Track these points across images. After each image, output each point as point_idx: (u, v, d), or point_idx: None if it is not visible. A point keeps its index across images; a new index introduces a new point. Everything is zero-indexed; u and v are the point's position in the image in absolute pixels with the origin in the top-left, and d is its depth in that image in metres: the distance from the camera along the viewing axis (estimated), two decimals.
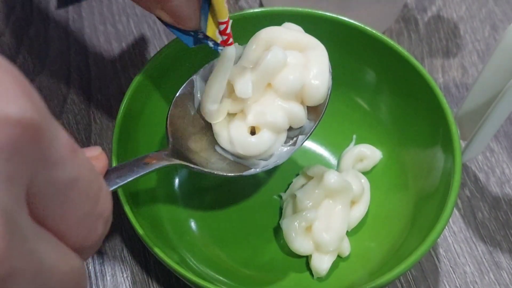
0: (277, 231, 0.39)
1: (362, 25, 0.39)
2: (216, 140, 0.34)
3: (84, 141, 0.44)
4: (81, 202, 0.20)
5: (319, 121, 0.34)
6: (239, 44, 0.34)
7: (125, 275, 0.38)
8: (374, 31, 0.39)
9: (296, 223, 0.37)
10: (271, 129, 0.33)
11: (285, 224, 0.37)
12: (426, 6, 0.52)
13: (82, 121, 0.45)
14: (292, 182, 0.41)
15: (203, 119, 0.35)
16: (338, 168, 0.42)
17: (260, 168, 0.34)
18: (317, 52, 0.34)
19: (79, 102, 0.46)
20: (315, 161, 0.42)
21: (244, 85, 0.33)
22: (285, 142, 0.34)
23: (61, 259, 0.19)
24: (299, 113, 0.34)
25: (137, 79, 0.37)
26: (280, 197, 0.41)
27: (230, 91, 0.34)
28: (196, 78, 0.35)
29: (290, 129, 0.34)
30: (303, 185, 0.39)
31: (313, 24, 0.40)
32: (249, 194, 0.41)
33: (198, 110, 0.35)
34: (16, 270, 0.17)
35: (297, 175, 0.41)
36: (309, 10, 0.40)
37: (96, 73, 0.47)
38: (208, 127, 0.35)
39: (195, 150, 0.34)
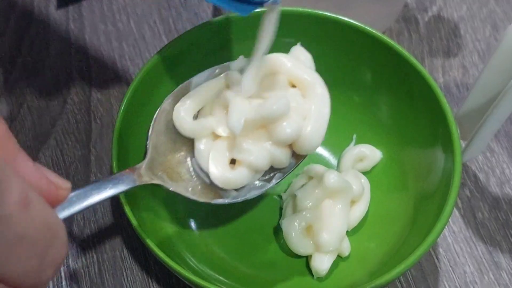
0: (277, 231, 0.39)
1: (362, 25, 0.39)
2: (194, 154, 0.34)
3: (84, 141, 0.44)
4: (27, 258, 0.20)
5: (299, 163, 0.34)
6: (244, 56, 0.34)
7: (125, 275, 0.38)
8: (374, 31, 0.39)
9: (296, 223, 0.37)
10: (251, 169, 0.33)
11: (285, 224, 0.37)
12: (427, 5, 0.52)
13: (82, 121, 0.45)
14: (292, 182, 0.41)
15: None
16: (338, 168, 0.42)
17: (229, 200, 0.33)
18: (320, 99, 0.33)
19: (79, 102, 0.46)
20: (315, 161, 0.42)
21: (237, 120, 0.32)
22: (262, 176, 0.34)
23: None
24: (283, 158, 0.33)
25: (137, 79, 0.37)
26: (280, 197, 0.41)
27: (223, 113, 0.33)
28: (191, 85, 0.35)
29: (270, 167, 0.34)
30: (303, 185, 0.39)
31: (313, 24, 0.40)
32: None
33: None
34: None
35: (297, 175, 0.41)
36: (309, 10, 0.40)
37: (97, 72, 0.47)
38: (189, 140, 0.34)
39: (170, 164, 0.33)
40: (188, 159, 0.34)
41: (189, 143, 0.34)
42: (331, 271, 0.37)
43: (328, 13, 0.40)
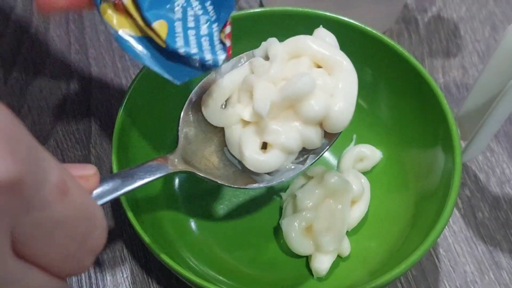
0: (277, 231, 0.39)
1: (363, 26, 0.39)
2: (226, 143, 0.34)
3: (84, 141, 0.44)
4: (66, 243, 0.20)
5: (332, 143, 0.34)
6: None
7: (125, 275, 0.38)
8: (374, 32, 0.39)
9: (296, 223, 0.37)
10: (283, 150, 0.33)
11: (285, 224, 0.37)
12: (426, 6, 0.52)
13: (82, 121, 0.45)
14: (292, 182, 0.41)
15: None
16: (338, 168, 0.42)
17: (264, 184, 0.33)
18: (347, 75, 0.33)
19: (80, 102, 0.46)
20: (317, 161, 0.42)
21: (263, 102, 0.32)
22: (295, 159, 0.34)
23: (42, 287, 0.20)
24: (315, 138, 0.33)
25: (137, 79, 0.37)
26: (280, 197, 0.41)
27: (250, 99, 0.33)
28: (217, 75, 0.35)
29: (303, 149, 0.33)
30: (303, 185, 0.39)
31: (313, 24, 0.40)
32: (250, 194, 0.41)
33: None
34: None
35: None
36: (309, 10, 0.40)
37: (97, 72, 0.47)
38: (220, 129, 0.34)
39: (203, 154, 0.34)
40: (221, 148, 0.34)
41: (220, 133, 0.34)
42: (331, 271, 0.37)
43: (328, 14, 0.40)
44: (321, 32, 0.34)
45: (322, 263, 0.37)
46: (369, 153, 0.41)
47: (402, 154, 0.40)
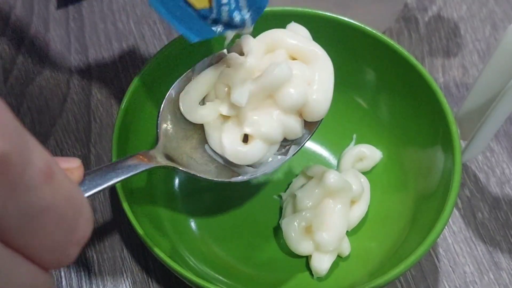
0: (277, 230, 0.39)
1: (362, 25, 0.39)
2: (206, 140, 0.34)
3: (84, 141, 0.44)
4: (53, 230, 0.19)
5: (313, 132, 0.34)
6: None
7: (125, 275, 0.38)
8: (374, 31, 0.39)
9: (295, 223, 0.37)
10: (265, 140, 0.33)
11: (284, 224, 0.37)
12: (427, 5, 0.52)
13: (82, 121, 0.45)
14: (292, 182, 0.41)
15: None
16: (338, 168, 0.42)
17: (247, 176, 0.33)
18: (323, 65, 0.33)
19: (79, 102, 0.46)
20: (315, 161, 0.42)
21: (241, 93, 0.32)
22: (277, 150, 0.34)
23: (27, 278, 0.19)
24: (296, 127, 0.33)
25: (137, 79, 0.37)
26: (280, 197, 0.41)
27: (227, 93, 0.33)
28: (193, 74, 0.35)
29: (284, 139, 0.34)
30: (303, 185, 0.39)
31: (313, 24, 0.40)
32: (249, 194, 0.41)
33: None
34: None
35: (297, 175, 0.41)
36: (309, 10, 0.40)
37: (97, 72, 0.47)
38: (200, 126, 0.34)
39: (184, 150, 0.33)
40: (202, 145, 0.34)
41: (200, 130, 0.34)
42: (331, 271, 0.37)
43: (328, 13, 0.40)
44: (294, 26, 0.35)
45: (322, 263, 0.37)
46: (369, 153, 0.41)
47: (402, 154, 0.40)
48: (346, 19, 0.39)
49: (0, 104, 0.18)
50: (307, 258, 0.38)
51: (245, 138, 0.33)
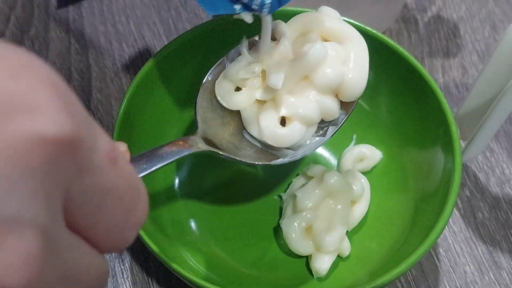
0: (277, 231, 0.39)
1: (362, 25, 0.39)
2: (244, 126, 0.34)
3: None
4: (114, 212, 0.20)
5: (351, 113, 0.34)
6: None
7: (125, 276, 0.38)
8: (374, 31, 0.39)
9: (296, 223, 0.37)
10: (303, 122, 0.33)
11: (285, 224, 0.37)
12: (426, 6, 0.52)
13: None
14: (292, 182, 0.41)
15: None
16: (338, 168, 0.42)
17: (287, 158, 0.33)
18: (357, 44, 0.33)
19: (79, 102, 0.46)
20: (315, 161, 0.42)
21: (277, 76, 0.32)
22: (315, 132, 0.34)
23: (90, 264, 0.20)
24: (333, 108, 0.33)
25: (137, 79, 0.37)
26: (280, 197, 0.41)
27: (263, 78, 0.33)
28: (226, 61, 0.35)
29: (321, 121, 0.34)
30: (303, 185, 0.39)
31: None
32: (249, 194, 0.41)
33: None
34: (49, 282, 0.17)
35: (297, 175, 0.41)
36: (309, 10, 0.40)
37: (97, 73, 0.47)
38: (237, 112, 0.34)
39: (223, 136, 0.33)
40: (240, 131, 0.34)
41: (237, 116, 0.34)
42: (331, 271, 0.37)
43: None
44: (325, 9, 0.35)
45: (322, 263, 0.37)
46: (369, 153, 0.41)
47: (402, 154, 0.40)
48: (345, 19, 0.39)
49: (69, 91, 0.18)
50: (307, 258, 0.38)
51: (283, 121, 0.33)
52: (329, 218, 0.37)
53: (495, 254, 0.40)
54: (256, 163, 0.33)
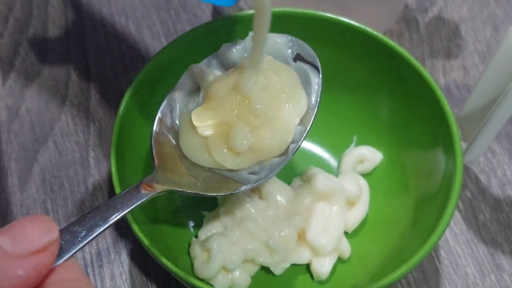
0: None
1: (363, 26, 0.39)
2: None
3: (83, 143, 0.44)
4: None
5: (310, 128, 0.33)
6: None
7: (124, 278, 0.38)
8: (375, 32, 0.39)
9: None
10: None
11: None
12: (427, 7, 0.52)
13: (81, 122, 0.45)
14: (292, 181, 0.40)
15: None
16: (338, 169, 0.42)
17: (250, 185, 0.32)
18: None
19: (78, 103, 0.45)
20: (315, 163, 0.41)
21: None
22: None
23: None
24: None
25: (136, 80, 0.37)
26: None
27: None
28: (174, 94, 0.34)
29: None
30: (295, 188, 0.39)
31: (313, 25, 0.40)
32: None
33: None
34: None
35: (296, 177, 0.41)
36: (309, 11, 0.40)
37: (96, 74, 0.47)
38: None
39: (182, 170, 0.33)
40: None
41: None
42: (331, 274, 0.37)
43: (329, 14, 0.39)
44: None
45: (322, 266, 0.37)
46: (370, 155, 0.41)
47: (402, 156, 0.40)
48: (346, 20, 0.39)
49: None
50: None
51: None
52: (322, 221, 0.37)
53: (496, 256, 0.40)
54: (219, 194, 0.32)
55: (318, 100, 0.34)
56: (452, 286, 0.39)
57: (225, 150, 0.32)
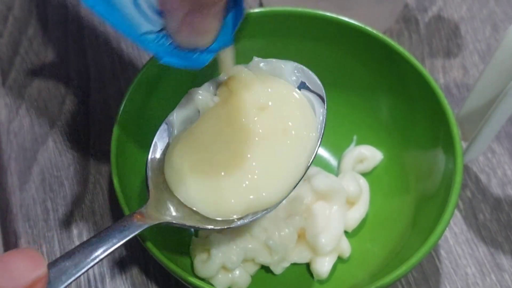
0: None
1: (363, 25, 0.39)
2: None
3: (83, 143, 0.44)
4: None
5: (306, 171, 0.33)
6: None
7: (124, 278, 0.38)
8: (375, 31, 0.39)
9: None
10: None
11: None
12: (427, 6, 0.52)
13: (80, 122, 0.44)
14: None
15: None
16: (338, 169, 0.42)
17: (248, 219, 0.32)
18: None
19: (78, 103, 0.45)
20: (315, 163, 0.41)
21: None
22: None
23: None
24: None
25: (136, 80, 0.37)
26: None
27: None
28: (172, 119, 0.34)
29: None
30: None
31: (313, 25, 0.40)
32: None
33: None
34: None
35: None
36: (309, 10, 0.39)
37: (95, 74, 0.47)
38: None
39: (178, 200, 0.32)
40: None
41: None
42: (331, 273, 0.37)
43: (328, 14, 0.39)
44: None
45: (322, 266, 0.37)
46: (370, 154, 0.41)
47: (402, 155, 0.40)
48: (346, 19, 0.39)
49: None
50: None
51: None
52: (322, 220, 0.37)
53: (496, 255, 0.40)
54: (215, 227, 0.31)
55: (322, 132, 0.33)
56: (452, 286, 0.39)
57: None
